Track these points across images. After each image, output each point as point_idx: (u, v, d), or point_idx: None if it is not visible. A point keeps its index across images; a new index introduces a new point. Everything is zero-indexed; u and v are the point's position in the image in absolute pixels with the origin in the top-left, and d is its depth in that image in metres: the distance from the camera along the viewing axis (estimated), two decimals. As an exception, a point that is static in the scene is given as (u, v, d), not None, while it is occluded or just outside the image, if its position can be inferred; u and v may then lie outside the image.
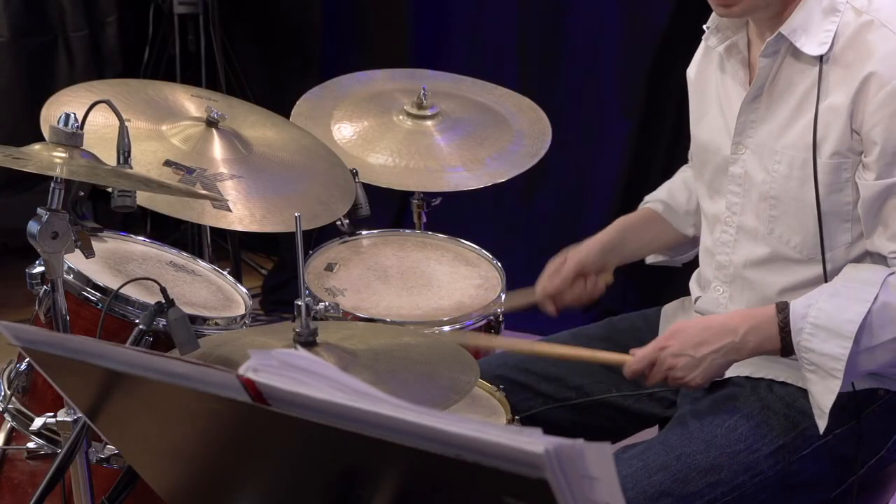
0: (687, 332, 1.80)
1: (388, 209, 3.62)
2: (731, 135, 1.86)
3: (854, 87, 1.70)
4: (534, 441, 0.83)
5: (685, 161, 2.20)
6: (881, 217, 1.74)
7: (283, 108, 2.59)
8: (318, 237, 2.68)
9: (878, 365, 1.73)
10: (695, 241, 2.13)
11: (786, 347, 1.74)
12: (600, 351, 1.95)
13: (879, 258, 1.77)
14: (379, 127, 2.64)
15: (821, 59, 1.74)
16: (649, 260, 2.23)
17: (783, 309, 1.74)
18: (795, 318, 1.72)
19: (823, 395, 1.71)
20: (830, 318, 1.70)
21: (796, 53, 1.77)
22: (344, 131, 2.63)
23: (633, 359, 1.83)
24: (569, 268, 2.10)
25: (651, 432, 1.99)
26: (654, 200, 2.19)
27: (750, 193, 1.85)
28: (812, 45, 1.74)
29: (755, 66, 1.83)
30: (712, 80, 1.94)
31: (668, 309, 2.11)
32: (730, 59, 1.88)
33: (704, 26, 1.92)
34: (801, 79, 1.77)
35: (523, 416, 2.01)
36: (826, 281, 1.78)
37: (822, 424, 1.74)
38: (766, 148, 1.81)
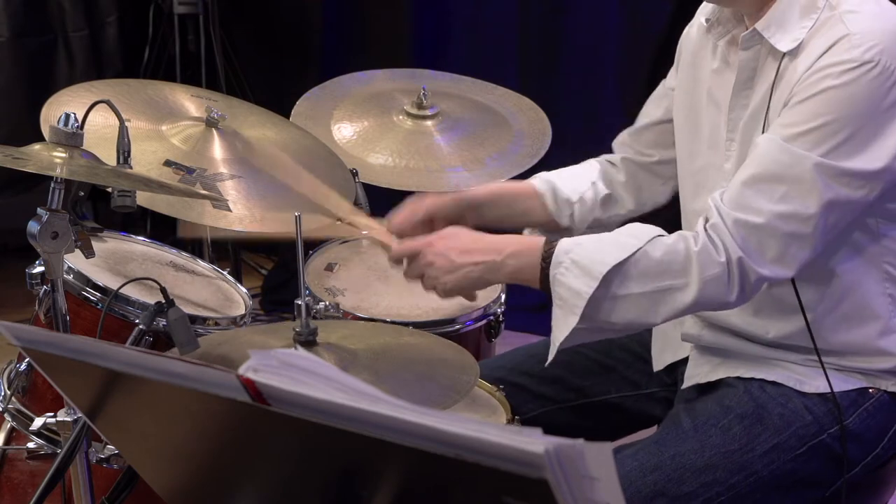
0: (459, 237, 1.82)
1: (389, 209, 3.62)
2: (725, 130, 1.84)
3: (796, 78, 1.69)
4: (534, 441, 0.83)
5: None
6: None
7: (283, 108, 2.58)
8: (319, 237, 2.68)
9: (620, 320, 1.72)
10: (567, 232, 2.07)
11: (544, 280, 1.74)
12: (374, 224, 1.96)
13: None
14: (379, 127, 2.64)
15: (783, 54, 1.73)
16: (526, 232, 2.15)
17: (551, 243, 1.75)
18: (559, 253, 1.72)
19: (559, 330, 1.72)
20: (588, 258, 1.70)
21: (772, 50, 1.75)
22: (344, 131, 2.63)
23: (400, 245, 1.84)
24: (420, 212, 2.03)
25: (648, 433, 1.99)
26: (544, 179, 2.13)
27: None
28: (785, 42, 1.73)
29: None
30: (705, 71, 1.90)
31: None
32: (729, 53, 1.86)
33: (704, 19, 1.88)
34: (771, 75, 1.76)
35: (522, 418, 2.00)
36: (811, 284, 1.77)
37: (550, 357, 1.75)
38: (747, 145, 1.80)
